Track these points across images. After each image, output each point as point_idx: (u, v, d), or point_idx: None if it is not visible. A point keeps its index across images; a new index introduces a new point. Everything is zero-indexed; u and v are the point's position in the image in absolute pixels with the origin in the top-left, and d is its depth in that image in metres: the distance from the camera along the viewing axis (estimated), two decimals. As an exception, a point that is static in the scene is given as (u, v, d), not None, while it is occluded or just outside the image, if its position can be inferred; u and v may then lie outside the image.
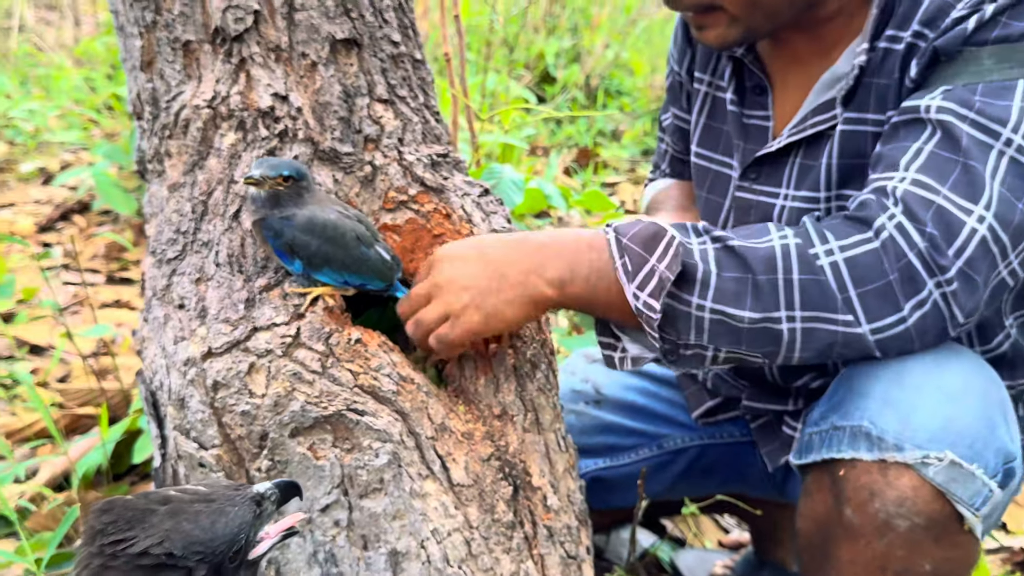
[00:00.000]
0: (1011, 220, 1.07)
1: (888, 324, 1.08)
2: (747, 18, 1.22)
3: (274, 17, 1.23)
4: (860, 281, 1.07)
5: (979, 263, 1.06)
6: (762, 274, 1.09)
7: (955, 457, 1.07)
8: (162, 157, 1.28)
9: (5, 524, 1.75)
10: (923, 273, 1.06)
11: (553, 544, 1.23)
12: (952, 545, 1.10)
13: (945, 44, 1.11)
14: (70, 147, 4.26)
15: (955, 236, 1.06)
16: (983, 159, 1.07)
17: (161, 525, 0.74)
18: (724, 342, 1.12)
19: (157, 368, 1.21)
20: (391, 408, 1.14)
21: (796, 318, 1.09)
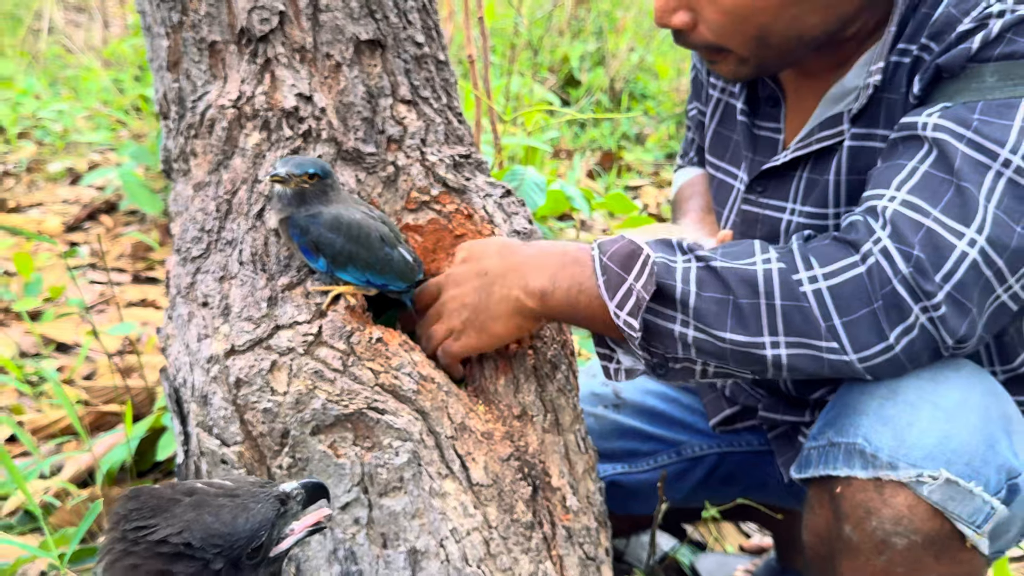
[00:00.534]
0: (1007, 244, 1.03)
1: (875, 352, 1.06)
2: (757, 58, 1.20)
3: (299, 18, 1.24)
4: (844, 310, 1.06)
5: (970, 288, 1.04)
6: (743, 298, 1.08)
7: (951, 475, 1.05)
8: (187, 156, 1.29)
9: (30, 519, 1.77)
10: (908, 299, 1.04)
11: (572, 545, 1.23)
12: (954, 562, 1.09)
13: (948, 61, 1.08)
14: (98, 147, 4.31)
15: (944, 260, 1.03)
16: (978, 181, 1.04)
17: (183, 516, 0.75)
18: (711, 358, 1.12)
19: (181, 365, 1.22)
20: (411, 407, 1.15)
21: (780, 344, 1.08)
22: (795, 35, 1.16)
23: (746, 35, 1.16)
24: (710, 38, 1.19)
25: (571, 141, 4.73)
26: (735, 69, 1.24)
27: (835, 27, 1.18)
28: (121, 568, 0.74)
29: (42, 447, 2.02)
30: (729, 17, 1.15)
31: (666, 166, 4.70)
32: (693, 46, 1.22)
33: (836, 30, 1.18)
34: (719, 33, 1.17)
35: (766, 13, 1.13)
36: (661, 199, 4.11)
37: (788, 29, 1.15)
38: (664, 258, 1.11)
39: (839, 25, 1.18)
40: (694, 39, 1.20)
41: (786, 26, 1.15)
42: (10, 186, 3.81)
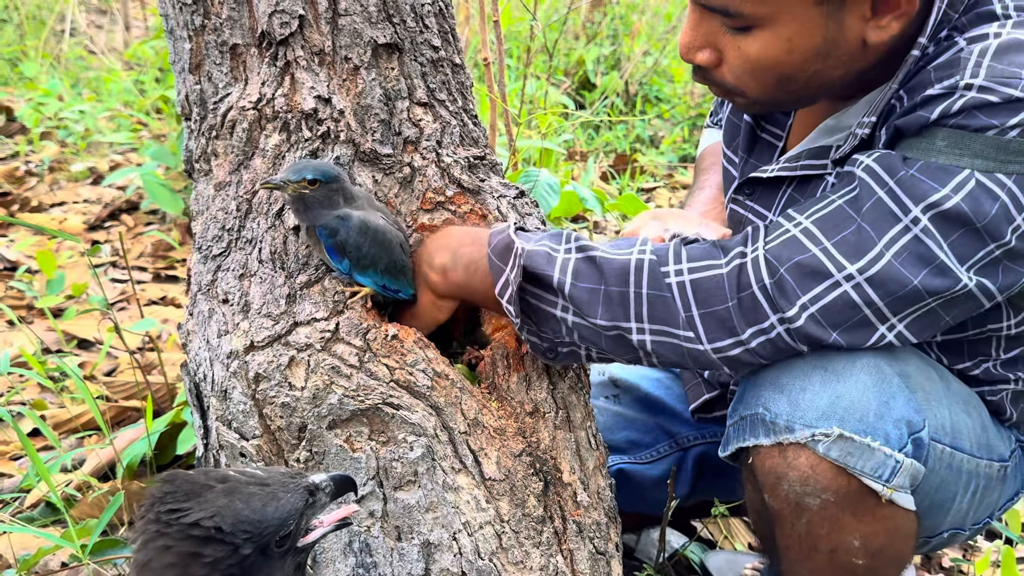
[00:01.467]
0: (895, 291, 1.07)
1: (727, 345, 1.12)
2: (771, 102, 1.22)
3: (318, 22, 1.27)
4: (702, 303, 1.12)
5: (836, 316, 1.08)
6: (614, 286, 1.14)
7: (844, 432, 1.09)
8: (209, 157, 1.32)
9: (52, 511, 1.80)
10: (766, 306, 1.10)
11: (583, 539, 1.25)
12: (875, 518, 1.13)
13: (906, 124, 1.09)
14: (119, 148, 4.37)
15: (812, 285, 1.08)
16: (882, 228, 1.06)
17: (215, 501, 0.78)
18: (589, 342, 1.18)
19: (201, 361, 1.25)
20: (426, 403, 1.17)
21: (645, 330, 1.14)
22: (816, 85, 1.17)
23: (766, 83, 1.17)
24: (730, 80, 1.19)
25: (585, 144, 4.75)
26: (747, 106, 1.26)
27: (855, 77, 1.18)
28: (154, 548, 0.77)
29: (64, 441, 2.06)
30: (752, 65, 1.15)
31: (680, 169, 4.71)
32: (712, 84, 1.22)
33: (857, 78, 1.19)
34: (740, 78, 1.18)
35: (789, 67, 1.14)
36: (675, 202, 4.12)
37: (810, 80, 1.16)
38: (548, 248, 1.17)
39: (859, 75, 1.18)
40: (715, 78, 1.20)
41: (808, 78, 1.15)
42: (33, 185, 3.86)
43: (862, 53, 1.13)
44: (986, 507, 1.30)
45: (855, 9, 1.08)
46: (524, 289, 1.18)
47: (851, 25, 1.10)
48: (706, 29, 1.16)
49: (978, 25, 1.10)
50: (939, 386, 1.20)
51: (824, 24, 1.09)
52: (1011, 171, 1.03)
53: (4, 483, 1.93)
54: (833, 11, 1.08)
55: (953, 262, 1.05)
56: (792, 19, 1.09)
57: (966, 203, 1.03)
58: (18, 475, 1.95)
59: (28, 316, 2.75)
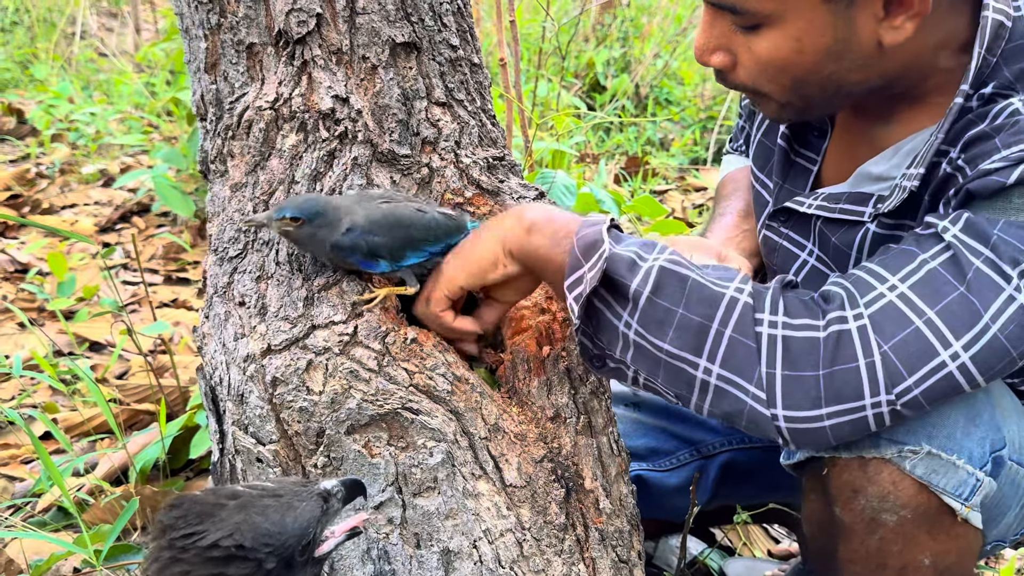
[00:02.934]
0: (992, 365, 1.00)
1: (800, 418, 1.02)
2: (796, 106, 1.19)
3: (336, 20, 1.25)
4: (789, 364, 1.01)
5: (935, 395, 1.01)
6: (695, 314, 1.03)
7: (932, 449, 1.06)
8: (225, 157, 1.30)
9: (64, 516, 1.79)
10: (866, 387, 1.00)
11: (605, 547, 1.23)
12: (949, 537, 1.10)
13: (979, 188, 1.04)
14: (130, 150, 4.36)
15: (919, 366, 1.00)
16: (987, 298, 0.99)
17: (231, 519, 0.76)
18: (643, 367, 1.08)
19: (217, 364, 1.23)
20: (446, 407, 1.15)
21: (713, 372, 1.03)
22: (834, 88, 1.15)
23: (782, 84, 1.15)
24: (747, 82, 1.18)
25: (596, 146, 4.73)
26: (777, 113, 1.23)
27: (879, 83, 1.15)
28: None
29: (75, 445, 2.05)
30: (764, 66, 1.14)
31: (691, 171, 4.69)
32: (733, 87, 1.21)
33: (881, 86, 1.16)
34: (755, 79, 1.16)
35: (801, 68, 1.12)
36: (687, 204, 4.10)
37: (826, 83, 1.14)
38: (635, 254, 1.07)
39: (883, 82, 1.15)
40: (733, 80, 1.19)
41: (824, 79, 1.13)
42: (44, 187, 3.86)
43: (879, 56, 1.11)
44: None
45: (866, 8, 1.06)
46: (595, 291, 1.08)
47: (863, 25, 1.07)
48: (719, 30, 1.15)
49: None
50: (1010, 402, 1.17)
51: (833, 23, 1.07)
52: None
53: (16, 487, 1.92)
54: (842, 9, 1.06)
55: None
56: (799, 17, 1.07)
57: None
58: (30, 479, 1.94)
59: (39, 318, 2.74)
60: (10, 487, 1.92)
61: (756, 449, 1.63)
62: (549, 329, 1.26)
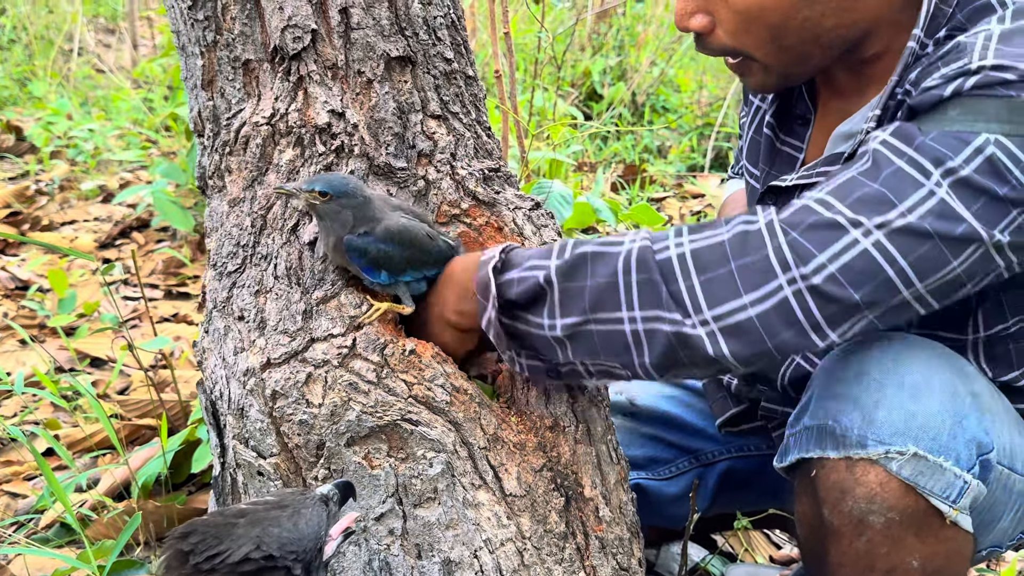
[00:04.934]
0: (914, 249, 1.00)
1: (724, 313, 1.02)
2: (779, 65, 1.21)
3: (331, 36, 1.26)
4: (700, 269, 1.03)
5: (858, 275, 1.00)
6: (602, 277, 1.08)
7: (919, 450, 1.06)
8: (222, 173, 1.31)
9: (67, 532, 1.79)
10: (777, 267, 1.01)
11: (605, 555, 1.23)
12: (937, 540, 1.10)
13: (919, 102, 1.05)
14: (129, 166, 4.38)
15: (830, 241, 1.00)
16: (904, 191, 1.00)
17: (248, 534, 0.78)
18: (585, 353, 1.11)
19: (217, 378, 1.24)
20: (445, 418, 1.16)
21: (636, 318, 1.06)
22: (811, 37, 1.16)
23: (760, 37, 1.17)
24: (727, 41, 1.20)
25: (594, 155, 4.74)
26: (762, 79, 1.25)
27: (854, 34, 1.17)
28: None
29: (78, 461, 2.05)
30: (741, 17, 1.16)
31: (689, 179, 4.70)
32: (714, 52, 1.23)
33: (857, 39, 1.18)
34: (734, 35, 1.18)
35: (777, 13, 1.14)
36: (685, 211, 4.11)
37: (802, 31, 1.15)
38: (533, 266, 1.12)
39: (858, 33, 1.17)
40: (713, 43, 1.21)
41: (799, 27, 1.15)
42: (43, 204, 3.87)
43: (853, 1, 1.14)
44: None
45: None
46: (516, 317, 1.14)
47: None
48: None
49: (978, 21, 1.09)
50: (1000, 405, 1.17)
51: None
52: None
53: (19, 504, 1.92)
54: None
55: (979, 225, 0.99)
56: None
57: (985, 169, 0.99)
58: (32, 495, 1.94)
59: (40, 335, 2.74)
60: (13, 504, 1.93)
61: (754, 457, 1.63)
62: (547, 339, 1.27)
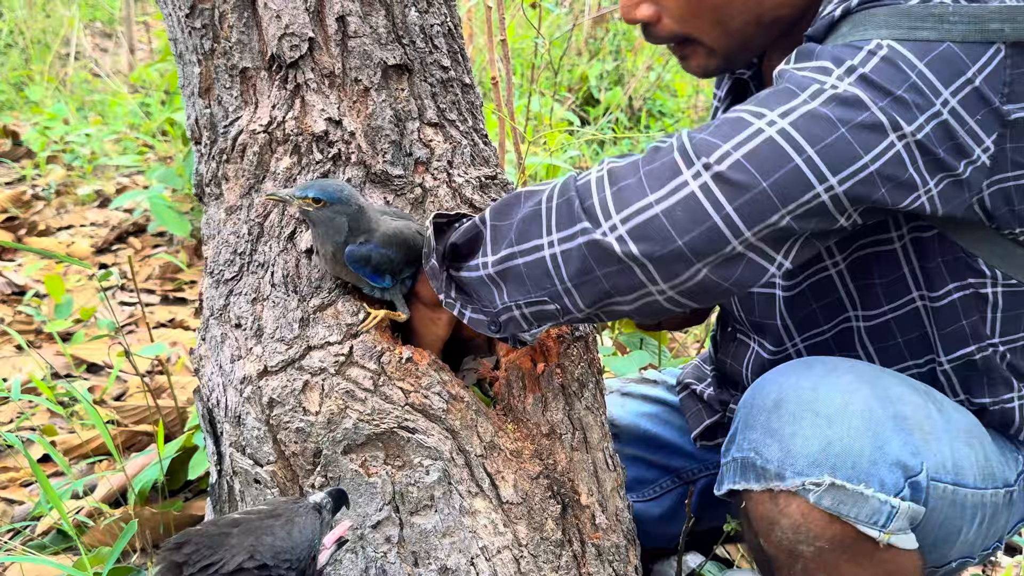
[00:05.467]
0: (820, 137, 0.98)
1: (632, 213, 1.00)
2: (722, 47, 1.22)
3: (328, 44, 1.26)
4: (612, 182, 1.03)
5: (764, 162, 0.98)
6: (528, 207, 1.08)
7: (836, 480, 1.06)
8: (220, 180, 1.31)
9: (64, 539, 1.79)
10: (681, 164, 1.01)
11: (602, 563, 1.23)
12: (874, 563, 1.10)
13: (813, 32, 1.09)
14: (126, 171, 4.37)
15: (734, 133, 1.00)
16: (804, 86, 1.01)
17: (242, 543, 0.78)
18: (518, 293, 1.09)
19: (214, 386, 1.24)
20: (441, 426, 1.16)
21: (555, 242, 1.05)
22: (753, 18, 1.18)
23: (705, 20, 1.18)
24: (675, 28, 1.21)
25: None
26: (704, 62, 1.26)
27: (792, 13, 1.19)
28: None
29: (74, 467, 2.05)
30: (686, 2, 1.17)
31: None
32: (661, 39, 1.24)
33: (794, 18, 1.19)
34: (681, 20, 1.20)
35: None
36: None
37: (744, 12, 1.17)
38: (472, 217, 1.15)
39: (796, 12, 1.19)
40: (660, 31, 1.22)
41: (741, 8, 1.17)
42: (40, 209, 3.87)
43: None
44: (994, 533, 1.27)
45: None
46: (458, 267, 1.15)
47: None
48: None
49: None
50: (938, 423, 1.16)
51: None
52: (920, 37, 1.00)
53: (15, 510, 1.92)
54: None
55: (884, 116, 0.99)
56: None
57: (882, 68, 0.99)
58: (29, 502, 1.94)
59: (36, 341, 2.74)
60: (9, 510, 1.92)
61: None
62: (543, 345, 1.27)
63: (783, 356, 1.35)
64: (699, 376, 1.63)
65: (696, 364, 1.67)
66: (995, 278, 1.18)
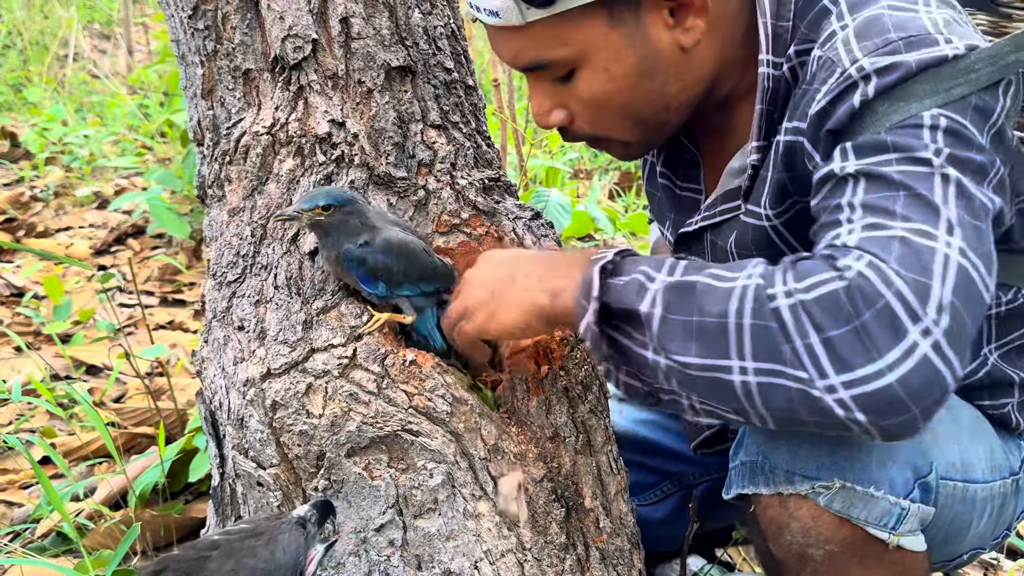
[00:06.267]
0: (977, 246, 0.92)
1: (859, 379, 0.86)
2: (637, 137, 1.21)
3: (331, 46, 1.26)
4: (819, 328, 0.87)
5: (966, 296, 0.89)
6: (712, 316, 0.93)
7: (846, 482, 1.06)
8: (222, 182, 1.31)
9: (64, 541, 1.78)
10: (904, 316, 0.86)
11: (606, 566, 1.23)
12: (883, 565, 1.10)
13: (836, 125, 1.01)
14: (124, 172, 4.37)
15: (931, 265, 0.88)
16: (925, 185, 0.93)
17: (222, 568, 0.76)
18: (691, 391, 0.98)
19: (217, 388, 1.23)
20: (445, 429, 1.16)
21: (749, 370, 0.91)
22: (661, 107, 1.16)
23: (615, 119, 1.17)
24: (587, 130, 1.20)
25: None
26: (624, 152, 1.25)
27: (700, 89, 1.17)
28: None
29: (74, 469, 2.04)
30: (591, 105, 1.15)
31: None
32: (579, 139, 1.23)
33: (705, 92, 1.17)
34: (592, 122, 1.18)
35: (622, 94, 1.13)
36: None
37: (651, 102, 1.15)
38: (642, 277, 0.99)
39: (704, 87, 1.17)
40: (576, 132, 1.22)
41: (647, 99, 1.15)
42: (38, 211, 3.86)
43: (688, 61, 1.13)
44: (1003, 522, 1.29)
45: (653, 21, 1.09)
46: (617, 327, 1.01)
47: (659, 36, 1.10)
48: (545, 91, 1.17)
49: (819, 28, 1.08)
50: (945, 420, 1.15)
51: (631, 44, 1.10)
52: (955, 96, 0.97)
53: (15, 513, 1.91)
54: (632, 30, 1.09)
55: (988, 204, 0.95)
56: (597, 49, 1.10)
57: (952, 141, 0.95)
58: (28, 504, 1.93)
59: (35, 342, 2.73)
60: (9, 513, 1.92)
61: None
62: (547, 349, 1.27)
63: None
64: None
65: None
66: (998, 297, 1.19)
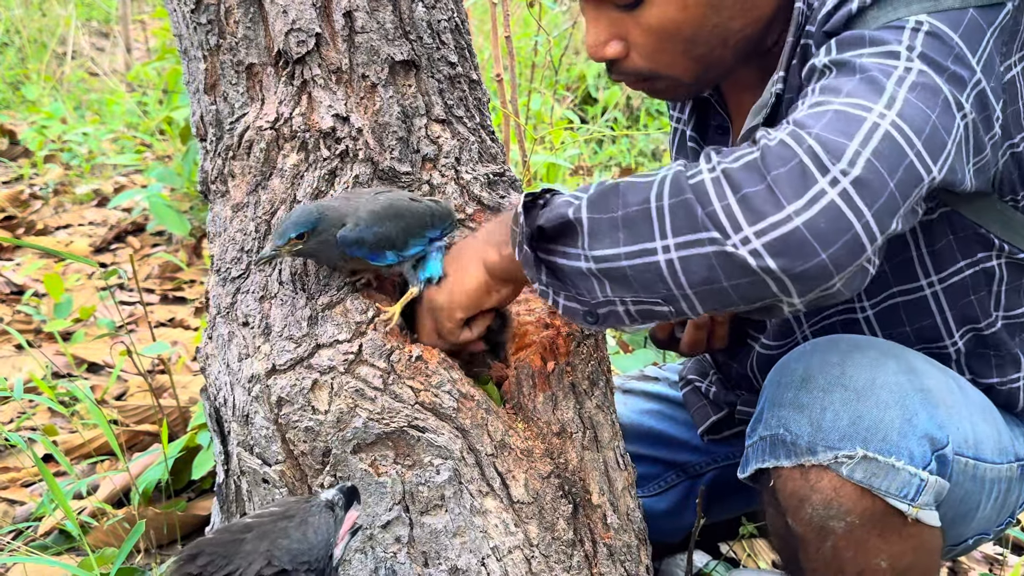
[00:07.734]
0: (921, 126, 0.95)
1: (769, 226, 0.91)
2: (691, 76, 1.21)
3: (335, 40, 1.25)
4: (736, 188, 0.93)
5: (888, 159, 0.92)
6: (635, 206, 0.99)
7: (868, 452, 1.07)
8: (225, 178, 1.30)
9: (66, 539, 1.78)
10: (813, 168, 0.91)
11: (613, 563, 1.22)
12: (902, 538, 1.10)
13: (832, 27, 1.07)
14: (124, 170, 4.36)
15: (855, 129, 0.93)
16: (883, 70, 0.98)
17: (258, 549, 0.76)
18: (623, 291, 1.02)
19: (221, 385, 1.23)
20: (452, 425, 1.15)
21: (671, 247, 0.96)
22: (720, 42, 1.17)
23: (675, 52, 1.17)
24: (642, 64, 1.20)
25: (590, 158, 4.74)
26: (671, 90, 1.26)
27: (757, 31, 1.19)
28: None
29: (76, 467, 2.03)
30: (656, 36, 1.16)
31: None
32: (627, 75, 1.23)
33: (759, 35, 1.19)
34: (650, 55, 1.18)
35: (690, 25, 1.14)
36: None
37: (713, 37, 1.16)
38: (570, 197, 1.05)
39: (761, 29, 1.19)
40: (627, 67, 1.21)
41: (710, 34, 1.16)
42: (38, 208, 3.85)
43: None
44: (1008, 508, 1.30)
45: None
46: (550, 251, 1.06)
47: None
48: (605, 21, 1.18)
49: None
50: (959, 397, 1.17)
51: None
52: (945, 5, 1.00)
53: (17, 511, 1.91)
54: None
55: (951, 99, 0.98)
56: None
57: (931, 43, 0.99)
58: (31, 502, 1.93)
59: (36, 340, 2.73)
60: (11, 511, 1.91)
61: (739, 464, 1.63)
62: (553, 344, 1.26)
63: (791, 344, 1.35)
64: (701, 372, 1.62)
65: (698, 359, 1.66)
66: (1001, 249, 1.20)
